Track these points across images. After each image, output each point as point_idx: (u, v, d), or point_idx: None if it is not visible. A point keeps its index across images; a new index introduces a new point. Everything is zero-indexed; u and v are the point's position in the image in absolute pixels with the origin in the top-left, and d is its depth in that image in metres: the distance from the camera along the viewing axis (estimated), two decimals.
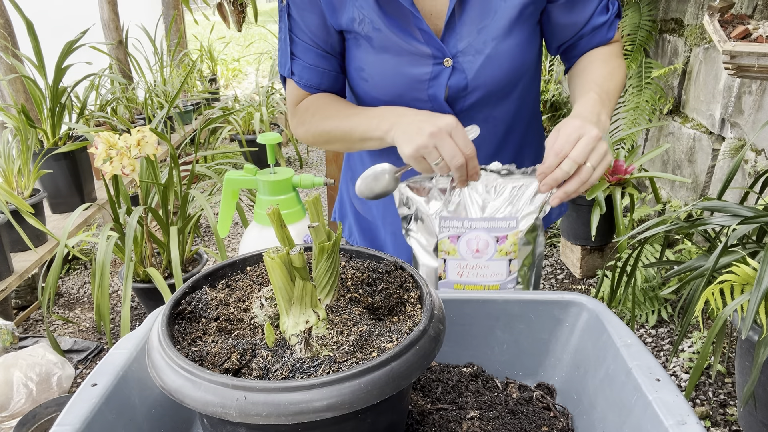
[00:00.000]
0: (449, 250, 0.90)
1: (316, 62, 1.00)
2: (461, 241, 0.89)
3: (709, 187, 2.49)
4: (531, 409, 0.80)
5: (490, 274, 0.90)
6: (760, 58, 1.46)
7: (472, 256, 0.90)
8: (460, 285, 0.92)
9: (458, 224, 0.89)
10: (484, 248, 0.89)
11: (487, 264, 0.90)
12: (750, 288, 1.31)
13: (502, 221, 0.89)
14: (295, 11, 0.97)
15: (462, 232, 0.89)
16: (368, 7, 0.91)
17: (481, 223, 0.89)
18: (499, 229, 0.89)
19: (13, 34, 2.68)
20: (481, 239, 0.89)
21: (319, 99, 1.03)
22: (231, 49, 8.51)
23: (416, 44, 0.92)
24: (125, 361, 0.71)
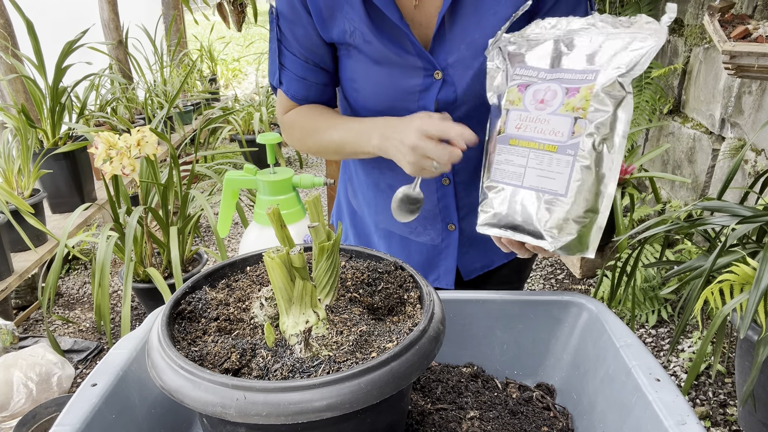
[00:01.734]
0: (514, 100, 0.80)
1: (304, 74, 1.00)
2: (528, 91, 0.79)
3: (709, 187, 2.49)
4: (531, 409, 0.80)
5: (549, 131, 0.77)
6: (760, 58, 1.46)
7: (535, 107, 0.78)
8: (515, 140, 0.80)
9: (532, 73, 0.79)
10: (551, 99, 0.77)
11: (548, 118, 0.77)
12: (749, 287, 1.31)
13: (577, 73, 0.76)
14: (284, 23, 0.96)
15: (532, 81, 0.79)
16: (359, 19, 0.91)
17: (555, 74, 0.78)
18: (571, 81, 0.77)
19: (13, 34, 2.68)
20: (549, 90, 0.77)
21: (305, 111, 1.04)
22: (231, 49, 8.51)
23: (406, 56, 0.92)
24: (125, 361, 0.71)
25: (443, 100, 0.94)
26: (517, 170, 0.79)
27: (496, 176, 0.82)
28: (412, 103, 0.95)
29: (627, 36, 0.75)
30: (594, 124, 0.74)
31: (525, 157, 0.79)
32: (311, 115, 1.03)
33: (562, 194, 0.76)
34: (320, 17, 0.93)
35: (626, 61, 0.74)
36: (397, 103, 0.95)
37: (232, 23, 4.22)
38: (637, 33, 0.75)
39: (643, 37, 0.74)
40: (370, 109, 0.98)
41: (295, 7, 0.93)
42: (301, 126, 1.03)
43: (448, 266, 1.11)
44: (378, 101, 0.96)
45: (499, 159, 0.81)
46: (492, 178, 0.83)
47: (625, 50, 0.74)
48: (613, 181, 0.76)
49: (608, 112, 0.74)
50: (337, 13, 0.92)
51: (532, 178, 0.78)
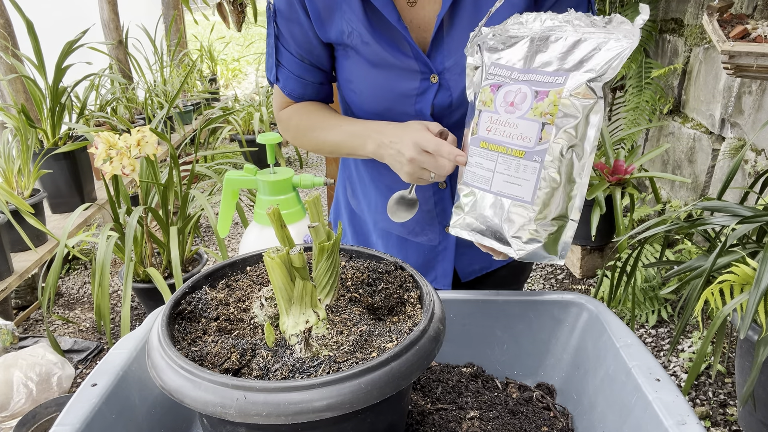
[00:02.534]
0: (486, 100, 0.79)
1: (300, 73, 1.00)
2: (500, 92, 0.77)
3: (709, 187, 2.49)
4: (531, 409, 0.80)
5: (518, 135, 0.75)
6: (759, 57, 1.46)
7: (505, 110, 0.76)
8: (486, 143, 0.78)
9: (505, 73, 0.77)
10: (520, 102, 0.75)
11: (517, 122, 0.75)
12: (749, 288, 1.31)
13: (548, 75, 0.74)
14: (281, 21, 0.96)
15: (505, 82, 0.77)
16: (357, 20, 0.90)
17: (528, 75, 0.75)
18: (541, 83, 0.74)
19: (13, 34, 2.68)
20: (519, 92, 0.75)
21: (301, 109, 1.04)
22: (231, 49, 8.51)
23: (404, 59, 0.91)
24: (125, 361, 0.71)
25: (439, 105, 0.93)
26: (486, 174, 0.78)
27: (468, 178, 0.82)
28: (408, 107, 0.94)
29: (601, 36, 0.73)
30: (562, 131, 0.72)
31: (494, 161, 0.77)
32: (307, 113, 1.03)
33: (528, 201, 0.75)
34: (318, 17, 0.92)
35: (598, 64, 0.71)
36: (394, 105, 0.95)
37: (232, 23, 4.22)
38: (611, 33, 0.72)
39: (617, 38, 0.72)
40: (366, 110, 0.98)
41: (293, 6, 0.93)
42: (296, 124, 1.04)
43: (445, 268, 1.11)
44: (374, 103, 0.96)
45: (470, 161, 0.80)
46: (464, 180, 0.83)
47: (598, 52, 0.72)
48: (582, 188, 0.75)
49: (577, 118, 0.72)
50: (335, 13, 0.91)
51: (500, 183, 0.77)
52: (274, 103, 1.09)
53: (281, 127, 1.09)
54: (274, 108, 1.09)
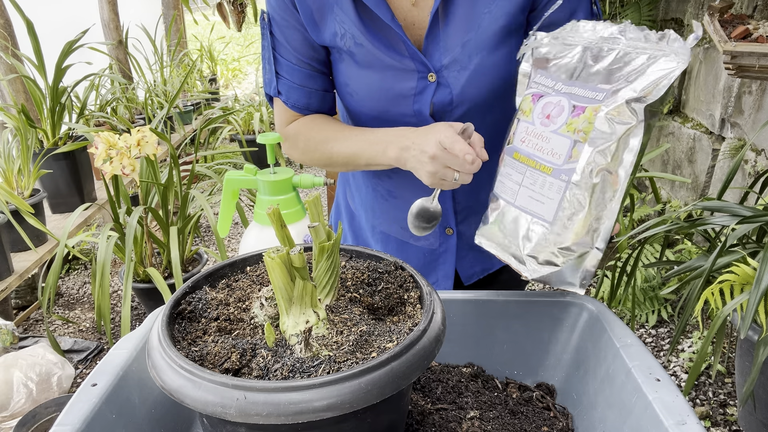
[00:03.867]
0: (526, 110, 0.76)
1: (303, 82, 0.97)
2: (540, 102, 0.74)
3: (709, 187, 2.49)
4: (531, 409, 0.80)
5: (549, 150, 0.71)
6: (761, 58, 1.46)
7: (541, 122, 0.73)
8: (518, 154, 0.75)
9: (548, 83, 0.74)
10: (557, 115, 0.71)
11: (550, 136, 0.71)
12: (750, 288, 1.31)
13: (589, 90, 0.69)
14: (276, 30, 0.93)
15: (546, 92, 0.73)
16: (349, 21, 0.88)
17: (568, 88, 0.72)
18: (581, 98, 0.70)
19: (13, 34, 2.68)
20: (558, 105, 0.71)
21: (309, 123, 1.00)
22: (231, 49, 8.51)
23: (399, 59, 0.89)
24: (125, 361, 0.71)
25: (439, 103, 0.92)
26: (513, 186, 0.76)
27: (497, 188, 0.80)
28: (406, 107, 0.92)
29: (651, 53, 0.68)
30: (595, 151, 0.67)
31: (522, 174, 0.74)
32: (318, 126, 0.99)
33: (548, 221, 0.72)
34: (311, 21, 0.91)
35: (642, 83, 0.66)
36: (392, 106, 0.93)
37: (232, 23, 4.22)
38: (661, 51, 0.67)
39: (667, 56, 0.66)
40: (364, 113, 0.96)
41: (287, 11, 0.91)
42: (306, 137, 1.00)
43: (446, 271, 1.10)
44: (372, 105, 0.94)
45: (503, 171, 0.78)
46: (494, 189, 0.81)
47: (645, 70, 0.67)
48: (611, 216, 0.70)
49: (612, 140, 0.67)
50: (327, 14, 0.90)
51: (524, 198, 0.74)
52: (276, 120, 1.04)
53: (287, 145, 1.04)
54: (277, 125, 1.04)
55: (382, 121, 0.96)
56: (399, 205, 1.06)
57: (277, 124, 1.04)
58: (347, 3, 0.87)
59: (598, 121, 0.67)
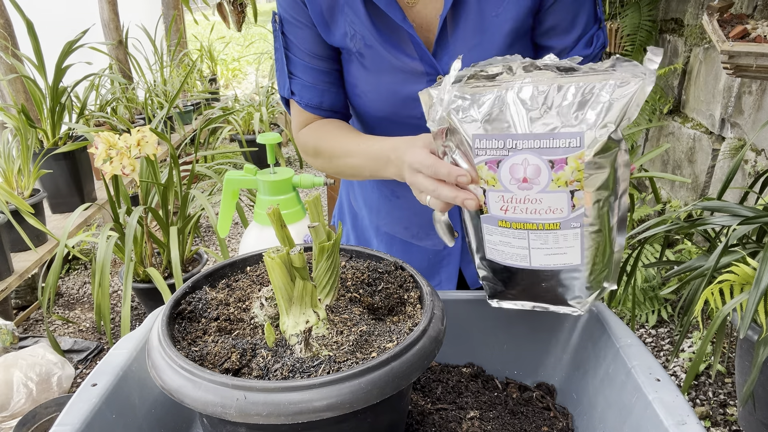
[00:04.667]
0: (488, 179, 0.68)
1: (315, 80, 0.96)
2: (503, 168, 0.67)
3: (709, 187, 2.49)
4: (531, 409, 0.80)
5: (545, 209, 0.67)
6: (759, 57, 1.46)
7: (518, 186, 0.67)
8: (506, 223, 0.70)
9: (498, 144, 0.67)
10: (534, 176, 0.66)
11: (538, 197, 0.67)
12: (750, 288, 1.31)
13: (558, 138, 0.64)
14: (288, 29, 0.94)
15: (504, 156, 0.67)
16: (360, 22, 0.88)
17: (530, 142, 0.65)
18: (554, 150, 0.65)
19: (13, 34, 2.68)
20: (529, 164, 0.66)
21: (318, 130, 0.99)
22: (231, 49, 8.51)
23: (409, 61, 0.89)
24: (125, 361, 0.71)
25: None
26: (519, 252, 0.71)
27: (494, 256, 0.74)
28: (414, 110, 0.92)
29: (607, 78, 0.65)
30: (593, 190, 0.66)
31: (525, 239, 0.70)
32: (324, 135, 0.98)
33: (578, 264, 0.70)
34: (321, 19, 0.91)
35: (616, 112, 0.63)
36: (400, 109, 0.93)
37: (232, 23, 4.22)
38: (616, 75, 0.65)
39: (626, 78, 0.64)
40: (372, 114, 0.97)
41: (298, 11, 0.91)
42: (314, 145, 0.99)
43: (450, 272, 1.09)
44: (380, 107, 0.94)
45: (491, 239, 0.73)
46: (489, 257, 0.75)
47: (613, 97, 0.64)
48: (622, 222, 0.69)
49: (606, 172, 0.66)
50: (337, 15, 0.90)
51: (541, 257, 0.71)
52: (292, 124, 1.04)
53: (300, 149, 1.03)
54: (293, 129, 1.04)
55: (390, 122, 0.95)
56: (403, 205, 1.06)
57: (293, 128, 1.04)
58: (358, 3, 0.87)
59: (587, 166, 0.65)
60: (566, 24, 0.91)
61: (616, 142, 0.65)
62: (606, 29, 0.96)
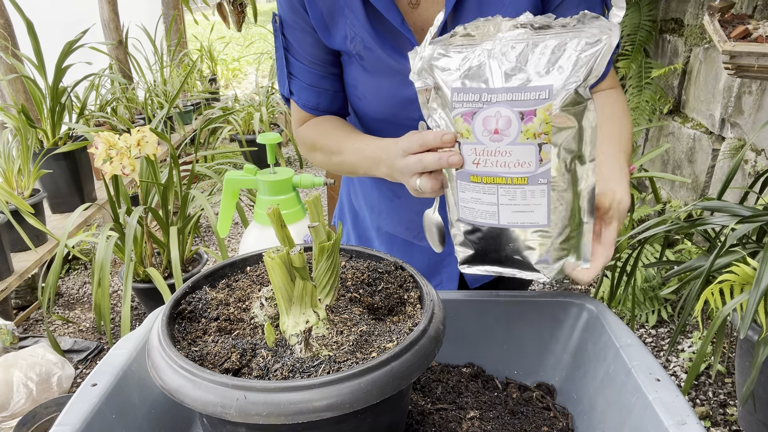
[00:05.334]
0: (462, 132, 0.70)
1: (313, 82, 0.98)
2: (476, 120, 0.69)
3: (709, 187, 2.49)
4: (531, 409, 0.80)
5: (514, 162, 0.68)
6: (760, 58, 1.46)
7: (490, 138, 0.68)
8: (477, 177, 0.71)
9: (474, 97, 0.69)
10: (505, 128, 0.67)
11: (508, 149, 0.68)
12: (750, 288, 1.31)
13: (529, 91, 0.66)
14: (288, 31, 0.94)
15: (478, 108, 0.68)
16: (359, 25, 0.88)
17: (503, 95, 0.67)
18: (524, 102, 0.66)
19: (13, 34, 2.68)
20: (501, 116, 0.67)
21: (315, 127, 1.00)
22: (231, 49, 8.51)
23: (407, 64, 0.88)
24: (125, 361, 0.71)
25: None
26: (488, 209, 0.72)
27: (466, 215, 0.75)
28: (413, 111, 0.92)
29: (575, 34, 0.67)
30: (561, 146, 0.68)
31: (494, 194, 0.71)
32: (321, 133, 1.00)
33: (545, 224, 0.71)
34: (322, 24, 0.91)
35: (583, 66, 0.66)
36: (399, 111, 0.94)
37: (232, 23, 4.22)
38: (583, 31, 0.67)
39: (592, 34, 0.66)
40: (371, 116, 0.97)
41: (298, 14, 0.91)
42: (312, 142, 1.01)
43: (451, 273, 1.09)
44: (379, 109, 0.95)
45: (463, 197, 0.74)
46: (461, 216, 0.76)
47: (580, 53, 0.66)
48: (590, 188, 0.70)
49: (573, 128, 0.67)
50: (338, 18, 0.90)
51: (509, 214, 0.72)
52: (292, 120, 1.06)
53: (299, 145, 1.05)
54: (293, 125, 1.06)
55: (389, 123, 0.96)
56: (404, 204, 1.06)
57: (292, 124, 1.06)
58: (358, 7, 0.87)
59: (555, 118, 0.66)
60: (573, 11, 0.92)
61: (584, 98, 0.67)
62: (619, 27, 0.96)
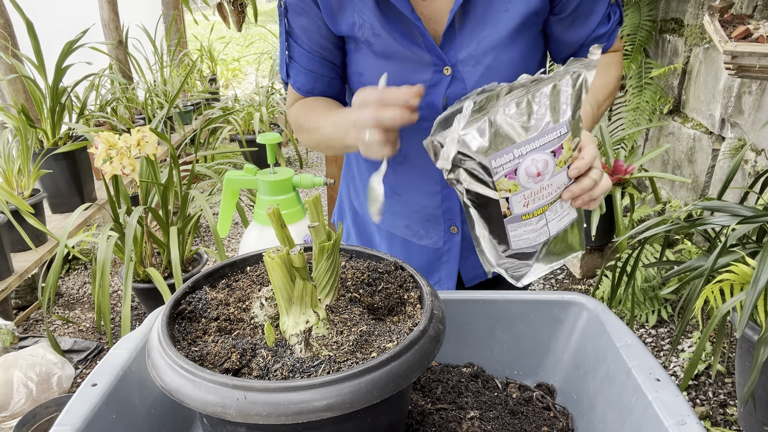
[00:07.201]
0: (510, 188, 0.78)
1: (312, 67, 0.99)
2: (519, 173, 0.77)
3: (709, 187, 2.49)
4: (531, 409, 0.80)
5: (555, 188, 0.80)
6: (762, 58, 1.46)
7: (535, 182, 0.78)
8: (528, 215, 0.81)
9: (509, 157, 0.77)
10: (544, 168, 0.78)
11: (550, 182, 0.79)
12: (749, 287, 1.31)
13: (552, 132, 0.77)
14: (292, 16, 0.96)
15: (517, 164, 0.77)
16: (368, 11, 0.90)
17: (534, 144, 0.77)
18: (552, 142, 0.78)
19: (13, 34, 2.68)
20: (539, 161, 0.77)
21: (304, 105, 1.02)
22: (231, 49, 8.51)
23: (417, 50, 0.91)
24: (125, 361, 0.71)
25: (452, 96, 0.93)
26: (540, 230, 0.83)
27: (521, 245, 0.83)
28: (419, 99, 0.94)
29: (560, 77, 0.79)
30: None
31: (543, 218, 0.83)
32: (308, 108, 1.02)
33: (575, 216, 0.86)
34: (330, 10, 0.92)
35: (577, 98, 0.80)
36: None
37: (232, 23, 4.23)
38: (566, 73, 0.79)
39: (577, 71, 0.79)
40: None
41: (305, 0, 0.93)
42: (299, 119, 1.03)
43: (449, 270, 1.10)
44: None
45: (515, 233, 0.82)
46: (516, 248, 0.83)
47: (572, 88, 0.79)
48: None
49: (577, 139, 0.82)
50: (346, 5, 0.91)
51: (555, 225, 0.84)
52: (287, 99, 1.09)
53: (291, 125, 1.07)
54: (287, 105, 1.09)
55: None
56: (403, 202, 1.07)
57: (287, 104, 1.09)
58: None
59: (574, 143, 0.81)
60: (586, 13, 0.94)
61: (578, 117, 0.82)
62: (621, 4, 0.98)
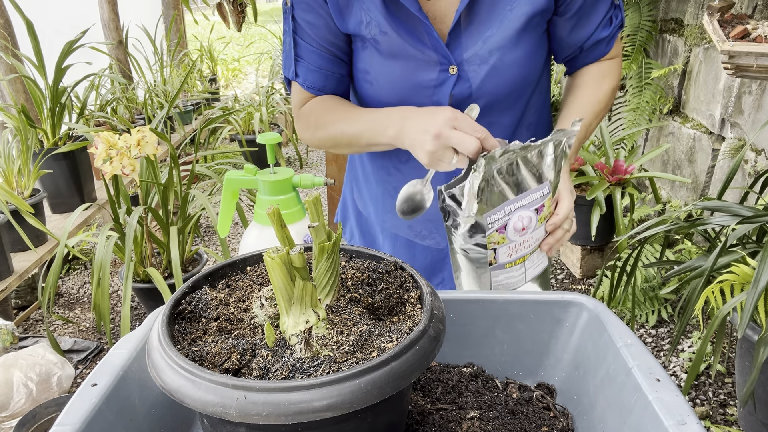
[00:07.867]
0: (498, 240, 0.88)
1: (321, 65, 0.98)
2: (508, 228, 0.87)
3: (709, 187, 2.49)
4: (531, 409, 0.80)
5: (534, 241, 0.90)
6: (759, 57, 1.46)
7: (519, 235, 0.88)
8: (510, 264, 0.91)
9: (500, 215, 0.86)
10: (528, 224, 0.88)
11: (531, 235, 0.90)
12: (749, 287, 1.31)
13: (536, 192, 0.87)
14: (299, 13, 0.95)
15: (507, 220, 0.87)
16: (375, 9, 0.90)
17: (520, 202, 0.87)
18: (535, 201, 0.88)
19: (13, 34, 2.68)
20: (524, 217, 0.88)
21: (321, 102, 1.01)
22: (231, 49, 8.51)
23: (423, 49, 0.91)
24: (125, 361, 0.71)
25: (458, 96, 0.93)
26: (518, 277, 0.93)
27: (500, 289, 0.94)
28: (425, 98, 0.94)
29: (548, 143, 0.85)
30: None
31: (522, 267, 0.93)
32: (328, 106, 1.00)
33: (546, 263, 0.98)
34: (336, 7, 0.92)
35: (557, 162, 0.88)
36: (410, 97, 0.94)
37: (232, 23, 4.23)
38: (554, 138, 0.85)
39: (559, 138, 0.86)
40: (382, 102, 0.97)
41: None
42: (317, 117, 1.01)
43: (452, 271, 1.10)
44: (391, 94, 0.96)
45: (497, 279, 0.92)
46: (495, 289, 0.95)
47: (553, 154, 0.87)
48: None
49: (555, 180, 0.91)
50: (353, 3, 0.91)
51: (531, 272, 0.95)
52: (293, 103, 1.06)
53: (300, 125, 1.05)
54: (293, 108, 1.06)
55: None
56: None
57: (294, 106, 1.06)
58: None
59: (553, 201, 0.91)
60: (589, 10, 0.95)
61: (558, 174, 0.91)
62: (623, 7, 0.99)
